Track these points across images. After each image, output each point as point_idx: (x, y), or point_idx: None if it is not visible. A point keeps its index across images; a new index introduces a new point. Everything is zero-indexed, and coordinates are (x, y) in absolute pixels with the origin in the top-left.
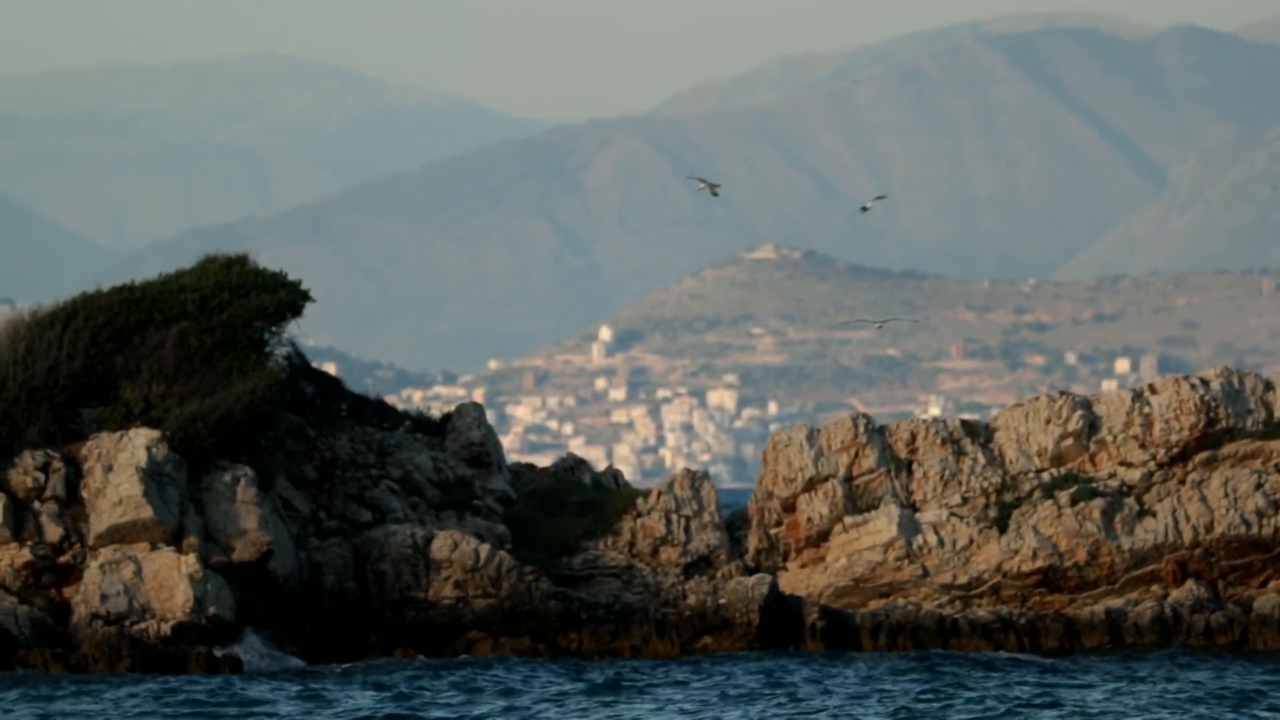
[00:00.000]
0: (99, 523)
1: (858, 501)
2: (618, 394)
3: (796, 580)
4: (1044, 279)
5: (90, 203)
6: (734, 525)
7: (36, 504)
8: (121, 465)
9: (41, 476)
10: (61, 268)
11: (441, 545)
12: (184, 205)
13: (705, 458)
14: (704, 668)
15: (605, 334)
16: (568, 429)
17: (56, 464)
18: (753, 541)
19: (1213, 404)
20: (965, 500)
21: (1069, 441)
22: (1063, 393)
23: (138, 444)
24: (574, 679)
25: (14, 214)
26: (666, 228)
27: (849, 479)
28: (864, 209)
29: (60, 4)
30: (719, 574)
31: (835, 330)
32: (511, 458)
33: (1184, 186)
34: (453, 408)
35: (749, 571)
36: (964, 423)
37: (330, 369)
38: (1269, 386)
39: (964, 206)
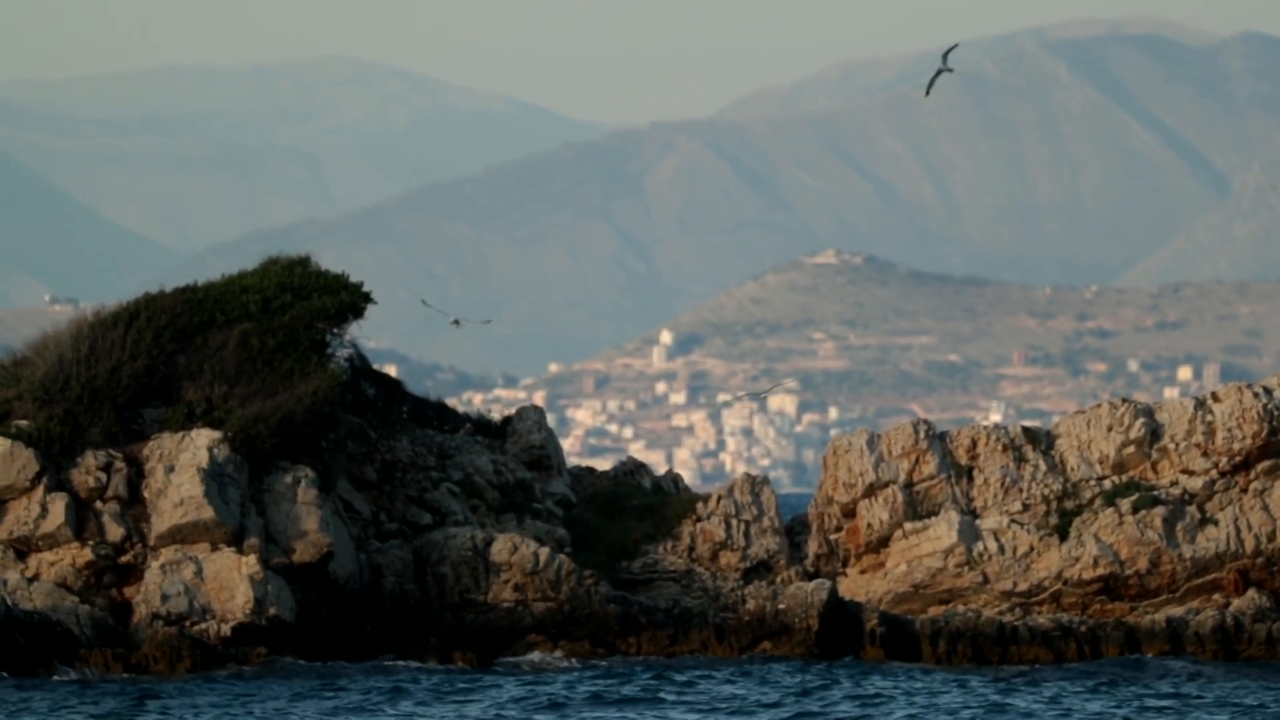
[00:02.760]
0: (160, 523)
1: (918, 507)
2: (678, 398)
3: (856, 586)
4: (1106, 286)
5: (153, 204)
6: (794, 530)
7: (98, 504)
8: (183, 466)
9: (104, 476)
10: (125, 268)
11: (501, 548)
12: (246, 207)
13: (765, 462)
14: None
15: (666, 338)
16: (628, 432)
17: (119, 464)
18: (812, 547)
19: (1275, 412)
20: (1026, 507)
21: (1131, 449)
22: (1125, 400)
23: (199, 444)
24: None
25: (78, 215)
26: (727, 232)
27: (909, 485)
28: (944, 68)
29: (124, 6)
30: (778, 579)
31: (897, 336)
32: (571, 461)
33: (1247, 194)
34: (513, 411)
35: (809, 577)
36: (1025, 429)
37: (391, 371)
38: None
39: (1026, 213)
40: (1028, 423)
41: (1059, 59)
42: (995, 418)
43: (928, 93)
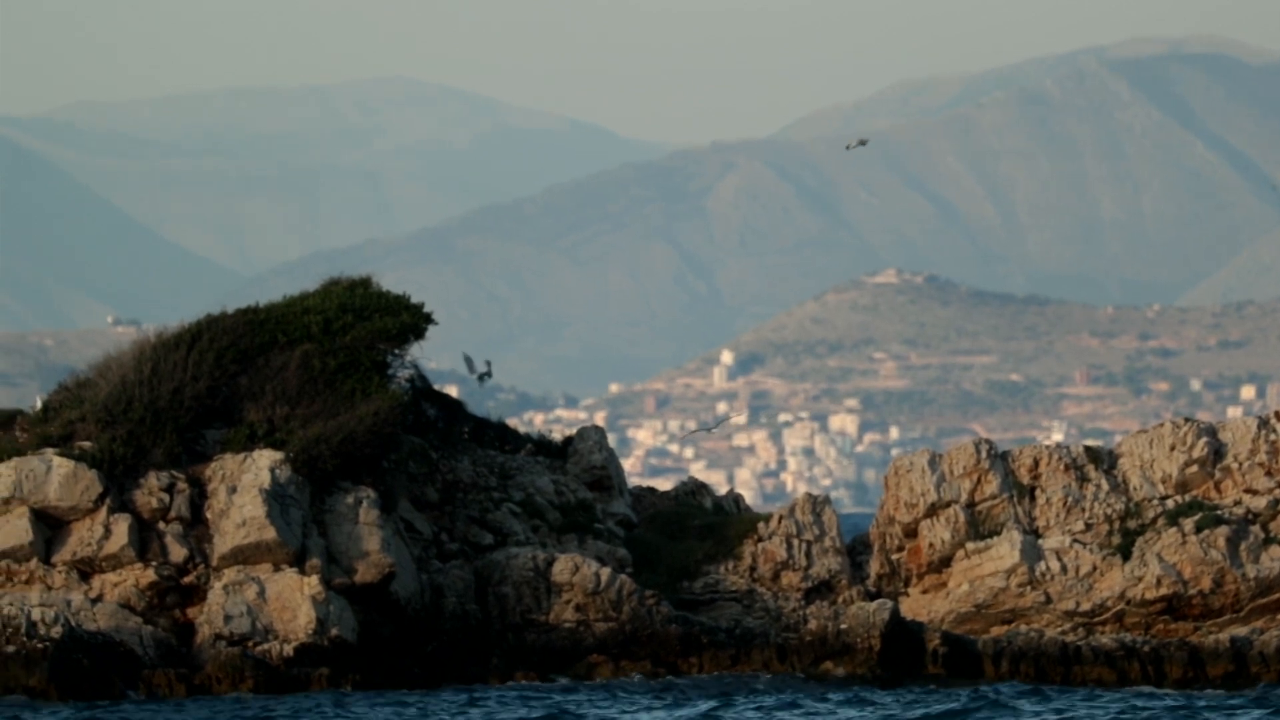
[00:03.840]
0: (223, 544)
1: (980, 527)
2: (739, 418)
3: (918, 606)
4: (1169, 305)
5: (215, 225)
6: (855, 550)
7: (161, 525)
8: (245, 487)
9: (166, 497)
10: (187, 289)
11: (563, 568)
12: (308, 228)
13: (826, 482)
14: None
15: (727, 358)
16: (689, 453)
17: (181, 485)
18: (874, 566)
19: None
20: (1089, 527)
21: (1194, 468)
22: (1187, 419)
23: (261, 465)
24: None
25: (140, 236)
26: (788, 251)
27: (971, 505)
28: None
29: (186, 28)
30: (840, 599)
31: (958, 355)
32: (632, 481)
33: None
34: (574, 431)
35: (870, 597)
36: (1088, 449)
37: (452, 392)
38: None
39: (1088, 232)
40: (1090, 442)
41: (1120, 78)
42: (1057, 437)
43: (847, 148)
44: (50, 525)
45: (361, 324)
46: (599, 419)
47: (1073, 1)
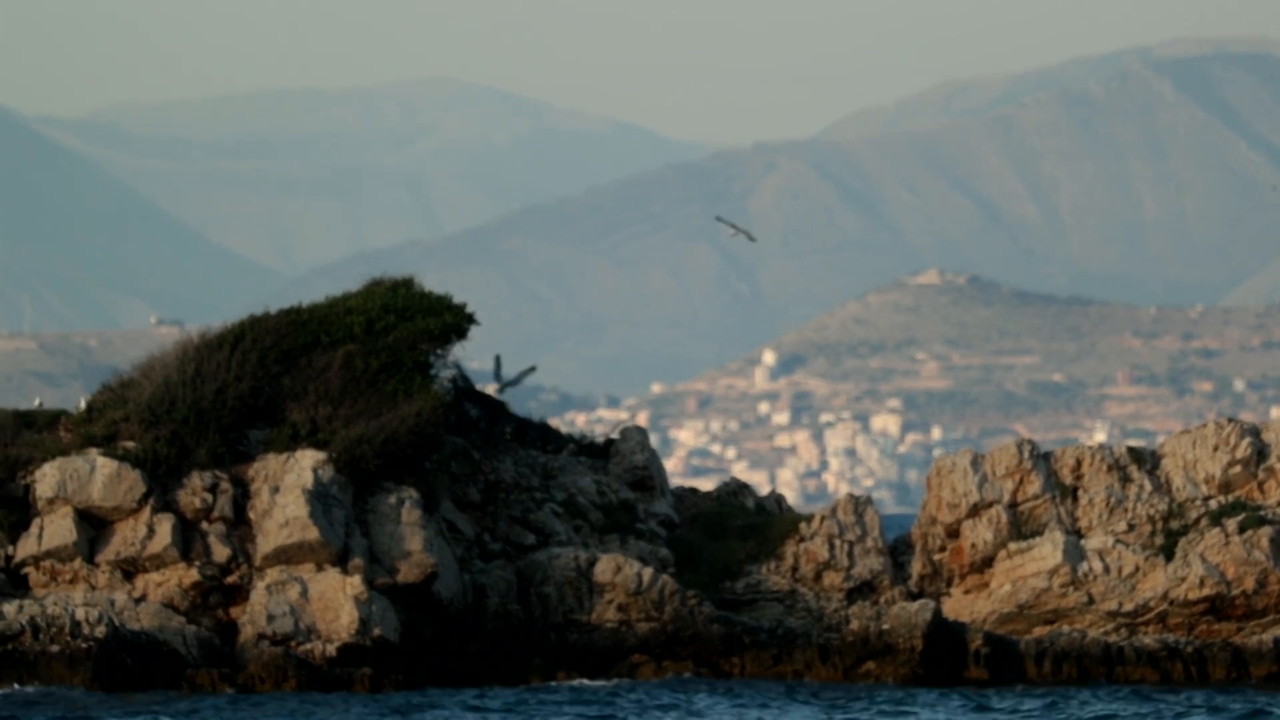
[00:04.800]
0: (265, 543)
1: (1022, 528)
2: (781, 418)
3: (960, 606)
4: (1212, 305)
5: (258, 226)
6: (897, 550)
7: (204, 524)
8: (288, 487)
9: (209, 497)
10: (230, 290)
11: (605, 568)
12: (350, 229)
13: (868, 483)
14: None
15: (769, 358)
16: (730, 453)
17: (224, 485)
18: (916, 567)
19: None
20: (1131, 527)
21: (1237, 469)
22: (1231, 419)
23: (304, 465)
24: None
25: (184, 237)
26: (830, 252)
27: (1013, 505)
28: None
29: (230, 30)
30: (882, 599)
31: (1000, 356)
32: (674, 481)
33: None
34: (616, 431)
35: (912, 597)
36: (1130, 449)
37: (493, 392)
38: None
39: (1131, 232)
40: (1133, 442)
41: (1164, 78)
42: (1100, 438)
43: (718, 218)
44: (94, 525)
45: (404, 324)
46: (641, 419)
47: (1117, 2)
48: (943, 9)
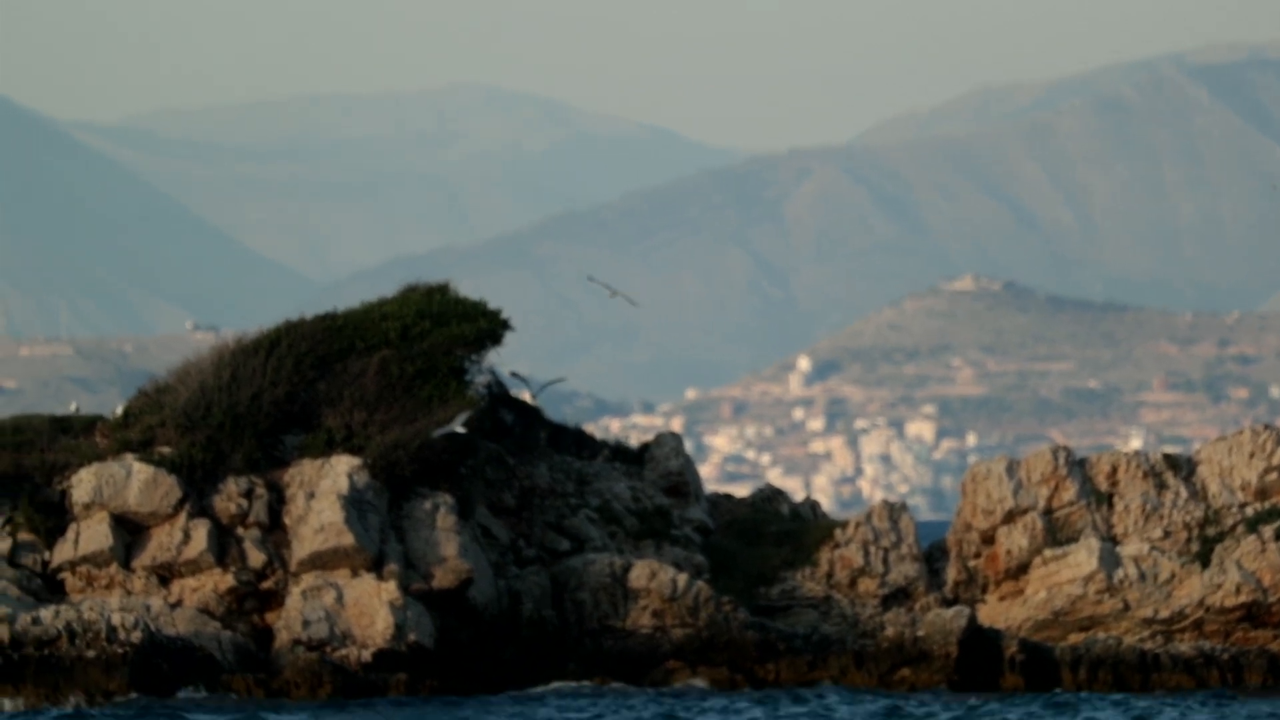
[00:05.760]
0: (301, 549)
1: (1057, 534)
2: (816, 424)
3: (995, 613)
4: (1248, 311)
5: (293, 231)
6: (932, 557)
7: (240, 530)
8: (323, 492)
9: (245, 503)
10: (265, 296)
11: (640, 574)
12: (385, 234)
13: (903, 489)
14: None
15: (803, 364)
16: (765, 459)
17: (260, 490)
18: (951, 573)
19: None
20: (1167, 534)
21: (1273, 475)
22: (1267, 426)
23: (339, 471)
24: None
25: (219, 243)
26: (865, 258)
27: (1049, 511)
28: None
29: (263, 35)
30: (917, 606)
31: (1035, 362)
32: (709, 487)
33: None
34: (651, 437)
35: (947, 603)
36: (1166, 456)
37: (528, 398)
38: None
39: (1166, 238)
40: (1168, 449)
41: (1199, 83)
42: (1135, 444)
43: (591, 279)
44: (130, 530)
45: (439, 330)
46: (675, 425)
47: (1152, 7)
48: (978, 15)
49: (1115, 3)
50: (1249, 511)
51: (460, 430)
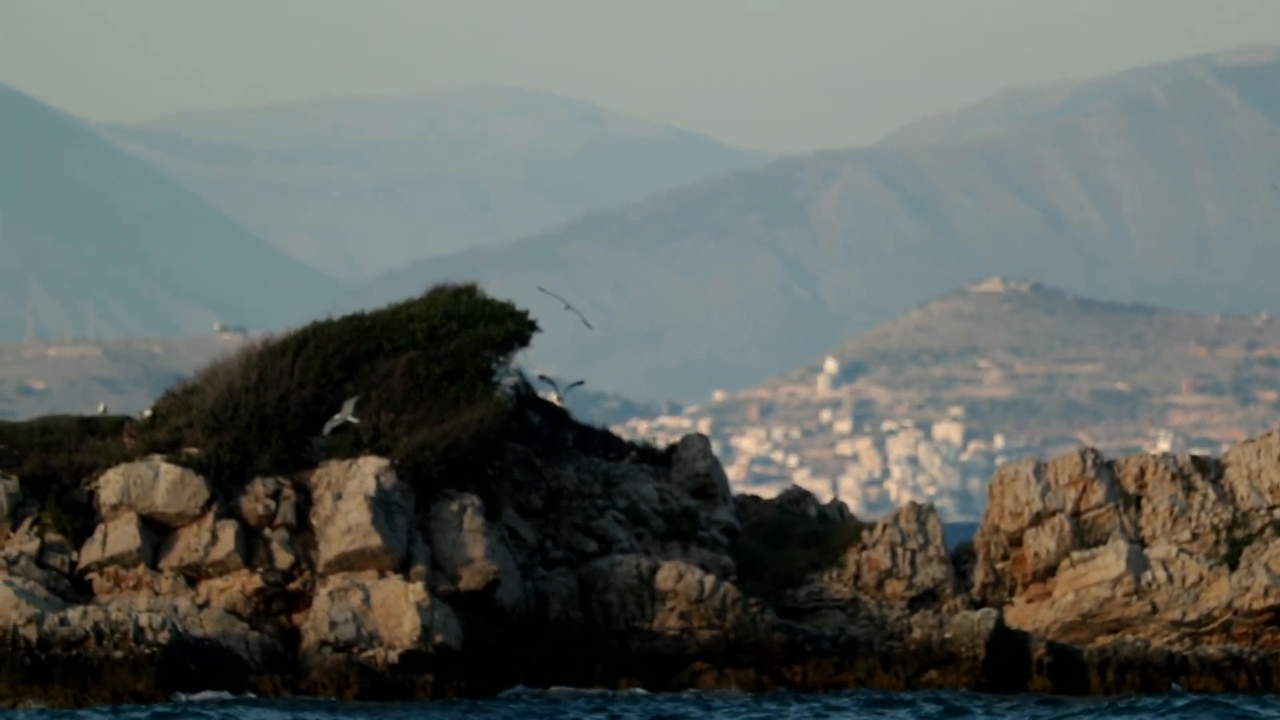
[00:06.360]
0: (328, 550)
1: (1085, 536)
2: (843, 426)
3: (1023, 615)
4: (1277, 314)
5: (321, 233)
6: (960, 559)
7: (267, 531)
8: (350, 493)
9: (272, 504)
10: (293, 297)
11: (666, 576)
12: (412, 236)
13: (931, 491)
14: None
15: (830, 366)
16: (792, 461)
17: (287, 491)
18: (979, 575)
19: None
20: (1195, 536)
21: None
22: None
23: (366, 472)
24: None
25: (246, 244)
26: (892, 260)
27: (1076, 514)
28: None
29: (290, 37)
30: (944, 608)
31: (1063, 364)
32: (736, 489)
33: None
34: (678, 439)
35: (975, 606)
36: (1194, 458)
37: (555, 399)
38: None
39: (1194, 240)
40: (1196, 451)
41: (1228, 85)
42: (1163, 446)
43: (543, 289)
44: (158, 531)
45: (466, 331)
46: (703, 427)
47: (1181, 9)
48: (1007, 16)
49: (1144, 4)
50: (1277, 514)
51: (352, 420)
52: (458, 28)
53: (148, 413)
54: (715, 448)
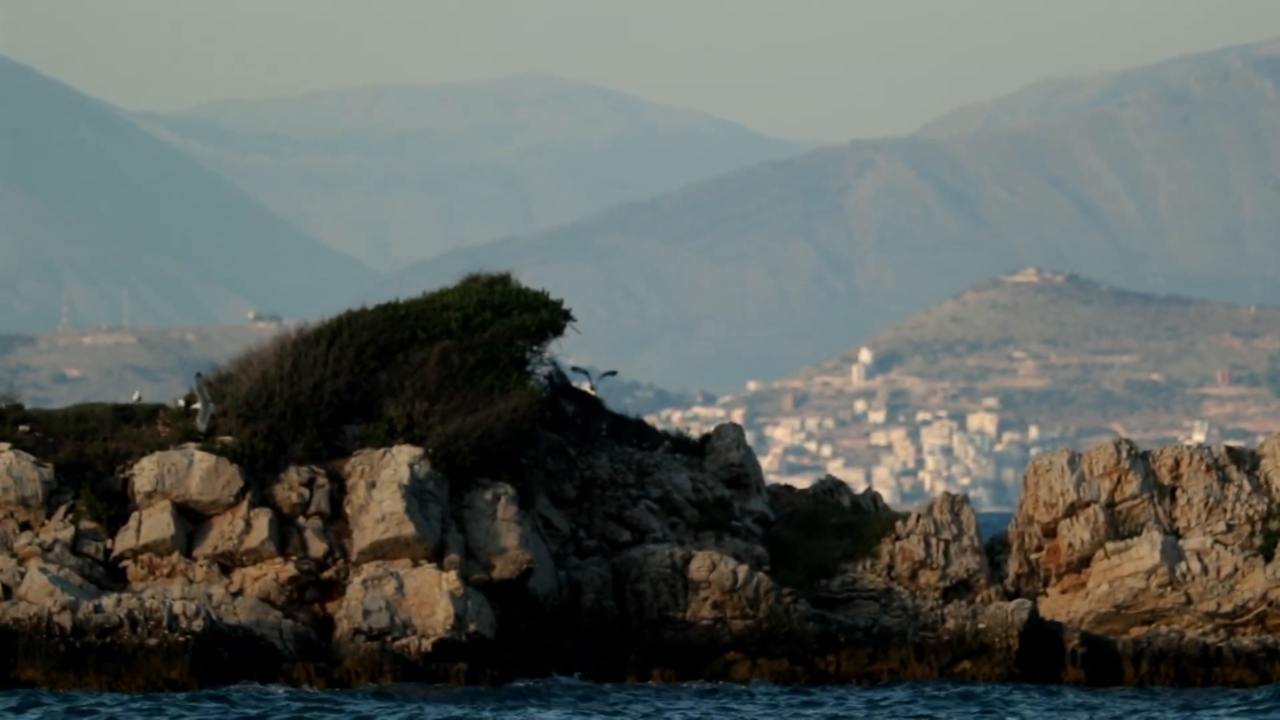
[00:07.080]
0: (362, 539)
1: (1119, 527)
2: (877, 416)
3: (1057, 606)
4: None
5: (356, 222)
6: (994, 550)
7: (301, 519)
8: (384, 482)
9: (306, 492)
10: (327, 286)
11: (700, 565)
12: (447, 225)
13: (965, 481)
14: None
15: (865, 356)
16: (826, 451)
17: (321, 480)
18: (1013, 566)
19: None
20: (1230, 528)
21: None
22: None
23: (400, 461)
24: None
25: (281, 233)
26: (927, 250)
27: (1111, 505)
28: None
29: (327, 26)
30: (978, 598)
31: (1098, 355)
32: (770, 479)
33: None
34: (712, 428)
35: (1009, 596)
36: (1229, 449)
37: (588, 389)
38: None
39: (1231, 231)
40: (1232, 443)
41: (1265, 76)
42: (1198, 437)
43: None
44: (192, 519)
45: (500, 320)
46: (737, 417)
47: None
48: (1043, 6)
49: None
50: None
51: (212, 407)
52: (495, 17)
53: (182, 401)
54: (749, 438)
